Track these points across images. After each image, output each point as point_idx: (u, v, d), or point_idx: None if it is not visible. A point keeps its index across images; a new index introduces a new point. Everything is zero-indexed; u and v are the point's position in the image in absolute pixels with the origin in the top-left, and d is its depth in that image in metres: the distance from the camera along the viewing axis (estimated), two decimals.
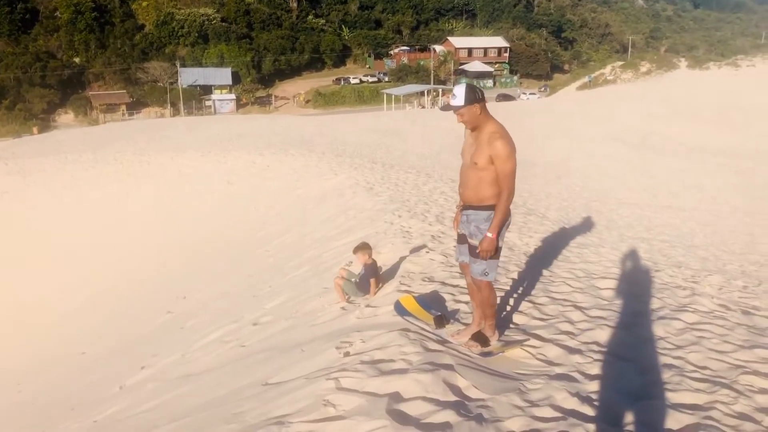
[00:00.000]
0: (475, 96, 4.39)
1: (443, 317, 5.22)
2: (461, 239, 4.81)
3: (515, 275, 7.34)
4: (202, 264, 16.29)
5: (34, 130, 68.73)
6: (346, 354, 4.87)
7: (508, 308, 6.07)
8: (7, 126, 71.58)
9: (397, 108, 67.19)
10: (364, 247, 6.75)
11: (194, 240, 18.70)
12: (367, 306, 6.36)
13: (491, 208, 4.44)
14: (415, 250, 8.46)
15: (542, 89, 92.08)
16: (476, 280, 4.64)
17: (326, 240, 11.97)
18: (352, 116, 45.19)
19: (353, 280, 6.91)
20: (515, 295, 6.50)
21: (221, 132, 34.57)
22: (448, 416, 3.49)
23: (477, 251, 4.50)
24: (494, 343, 4.86)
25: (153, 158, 27.76)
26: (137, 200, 23.43)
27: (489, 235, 4.39)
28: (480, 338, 4.81)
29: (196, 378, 6.71)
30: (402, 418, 3.53)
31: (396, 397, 3.80)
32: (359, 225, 12.09)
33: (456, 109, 4.43)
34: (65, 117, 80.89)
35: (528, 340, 5.06)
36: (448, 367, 4.14)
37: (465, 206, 4.66)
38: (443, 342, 4.84)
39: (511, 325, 5.59)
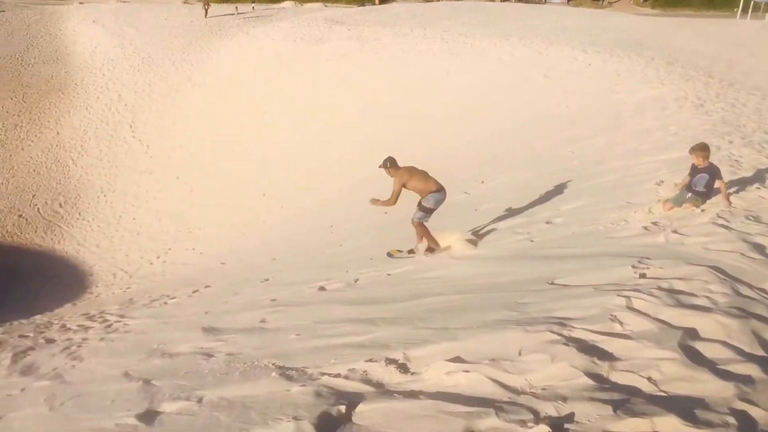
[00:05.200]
0: (385, 164, 7.73)
1: (413, 251, 8.23)
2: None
3: None
4: (501, 153, 16.49)
5: (376, 0, 74.02)
6: (642, 275, 4.62)
7: None
8: None
9: (754, 18, 57.95)
10: (702, 148, 6.59)
11: (497, 128, 18.91)
12: (674, 232, 5.89)
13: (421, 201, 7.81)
14: (742, 183, 7.49)
15: None
16: (414, 222, 7.93)
17: (638, 153, 11.22)
18: (696, 21, 40.11)
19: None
20: None
21: (547, 23, 33.44)
22: (751, 370, 3.12)
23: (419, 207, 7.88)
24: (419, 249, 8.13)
25: (477, 41, 28.06)
26: (454, 81, 24.19)
27: (371, 200, 8.03)
28: (429, 249, 8.03)
29: (481, 260, 7.00)
30: (695, 356, 3.27)
31: (692, 333, 3.51)
32: (678, 143, 11.05)
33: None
34: None
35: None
36: (762, 319, 3.68)
37: None
38: (762, 290, 4.28)
39: None
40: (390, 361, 3.84)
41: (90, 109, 28.66)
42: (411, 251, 8.22)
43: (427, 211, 7.83)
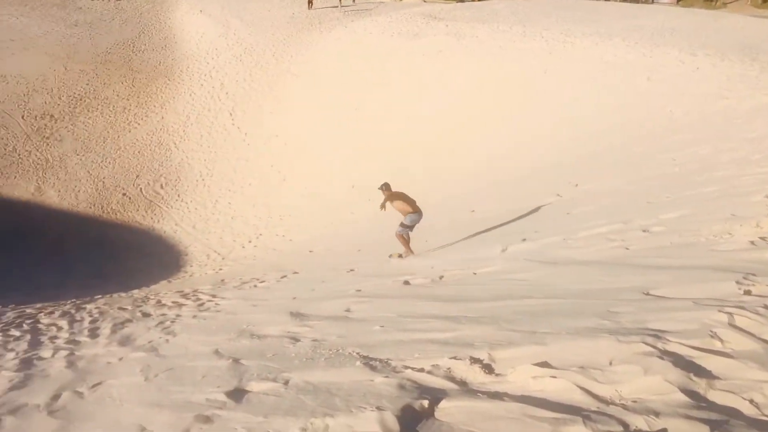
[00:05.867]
0: (381, 188, 10.68)
1: (400, 255, 10.70)
2: None
3: None
4: (597, 156, 15.99)
5: None
6: (747, 292, 4.36)
7: None
8: None
9: None
10: None
11: (594, 130, 18.34)
12: None
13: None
14: None
15: None
16: (396, 234, 10.67)
17: (747, 162, 10.60)
18: None
19: None
20: None
21: (653, 23, 32.08)
22: None
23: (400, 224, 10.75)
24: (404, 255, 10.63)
25: (577, 41, 27.27)
26: (552, 81, 23.63)
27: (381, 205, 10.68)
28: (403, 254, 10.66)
29: (572, 265, 6.82)
30: None
31: None
32: None
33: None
34: None
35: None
36: None
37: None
38: None
39: None
40: (474, 360, 3.82)
41: (193, 96, 29.92)
42: (399, 255, 10.67)
43: (405, 227, 10.59)
